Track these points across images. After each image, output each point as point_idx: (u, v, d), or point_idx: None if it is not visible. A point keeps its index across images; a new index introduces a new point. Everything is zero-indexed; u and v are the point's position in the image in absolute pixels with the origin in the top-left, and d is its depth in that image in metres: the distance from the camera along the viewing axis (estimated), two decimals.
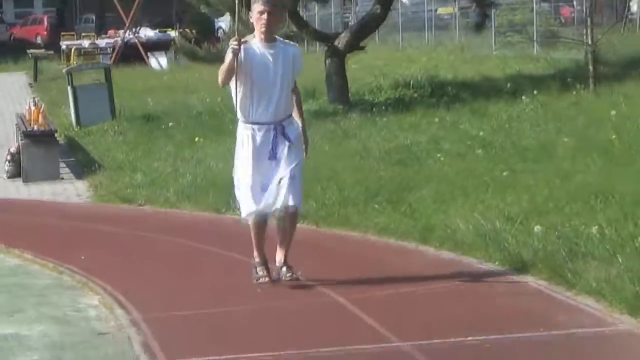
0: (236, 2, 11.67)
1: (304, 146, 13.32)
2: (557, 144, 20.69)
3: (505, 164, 19.22)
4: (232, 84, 12.73)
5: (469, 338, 11.08)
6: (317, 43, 39.01)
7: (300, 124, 13.22)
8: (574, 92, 27.65)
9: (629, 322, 11.34)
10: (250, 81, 12.38)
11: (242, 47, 12.32)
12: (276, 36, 13.09)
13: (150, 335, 11.58)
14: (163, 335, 11.55)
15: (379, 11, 33.00)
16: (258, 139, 12.65)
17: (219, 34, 50.98)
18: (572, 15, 44.59)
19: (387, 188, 18.65)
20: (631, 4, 46.55)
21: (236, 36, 12.19)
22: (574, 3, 43.23)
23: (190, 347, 11.15)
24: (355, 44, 32.06)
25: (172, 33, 55.37)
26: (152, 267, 15.56)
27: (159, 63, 51.15)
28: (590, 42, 29.48)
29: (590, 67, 28.29)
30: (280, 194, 12.61)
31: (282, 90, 12.62)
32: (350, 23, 45.19)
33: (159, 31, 57.42)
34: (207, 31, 47.90)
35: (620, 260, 13.04)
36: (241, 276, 14.62)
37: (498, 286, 13.50)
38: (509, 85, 30.12)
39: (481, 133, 22.78)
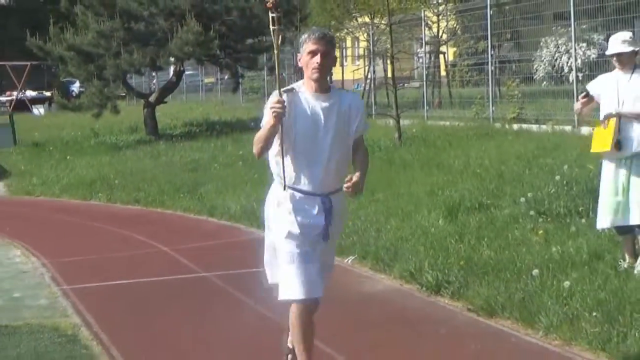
0: (275, 52, 6.53)
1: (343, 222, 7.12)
2: None
3: (256, 170, 19.32)
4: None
5: (238, 271, 11.32)
6: (135, 99, 38.33)
7: (361, 173, 6.52)
8: None
9: (338, 259, 11.58)
10: (292, 140, 6.39)
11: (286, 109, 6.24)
12: (331, 85, 6.85)
13: (55, 271, 11.67)
14: (63, 271, 11.61)
15: (174, 80, 32.97)
16: (298, 208, 6.46)
17: (72, 94, 49.86)
18: (285, 82, 44.48)
19: (187, 184, 18.71)
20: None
21: (279, 96, 6.31)
22: (284, 73, 43.15)
23: (79, 277, 11.26)
24: (161, 100, 31.95)
25: (46, 93, 54.69)
26: (50, 232, 15.51)
27: (39, 112, 50.76)
28: None
29: None
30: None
31: (333, 154, 6.48)
32: (153, 87, 44.41)
33: (38, 92, 56.65)
34: (66, 92, 47.00)
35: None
36: (105, 235, 14.77)
37: (254, 240, 13.31)
38: (252, 123, 30.22)
39: (240, 152, 22.87)
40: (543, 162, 14.95)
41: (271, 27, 6.25)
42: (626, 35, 9.72)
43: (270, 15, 6.25)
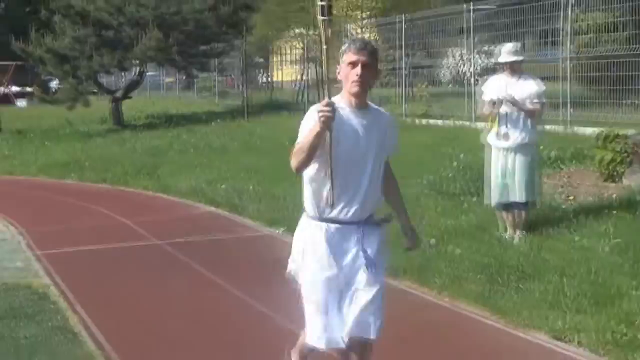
0: (324, 46, 4.77)
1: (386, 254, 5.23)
2: (230, 146, 20.88)
3: (205, 156, 19.34)
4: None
5: (184, 239, 11.34)
6: (104, 94, 37.70)
7: (403, 214, 5.25)
8: (238, 120, 27.81)
9: (270, 230, 11.70)
10: (333, 161, 4.75)
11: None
12: (368, 101, 5.04)
13: (30, 239, 11.47)
14: (37, 239, 11.39)
15: (138, 79, 32.85)
16: (334, 243, 4.92)
17: (52, 89, 49.03)
18: (233, 82, 44.16)
19: (146, 167, 18.56)
20: (263, 76, 46.40)
21: (328, 99, 4.60)
22: (232, 75, 42.88)
23: (51, 244, 11.08)
24: (126, 95, 31.74)
25: (28, 88, 53.84)
26: (28, 206, 15.16)
27: (22, 104, 50.01)
28: (245, 95, 29.73)
29: (245, 107, 28.47)
30: (359, 320, 4.89)
31: (373, 176, 4.96)
32: (120, 84, 43.82)
33: (22, 87, 55.88)
34: (45, 88, 46.34)
35: (261, 200, 13.31)
36: (76, 209, 14.58)
37: (201, 214, 13.55)
38: (204, 117, 30.15)
39: (192, 140, 22.78)
40: (444, 150, 15.10)
41: (319, 18, 4.65)
42: (517, 45, 9.92)
43: (319, 3, 4.67)
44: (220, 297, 8.38)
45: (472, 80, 21.99)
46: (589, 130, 15.79)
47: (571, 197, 11.37)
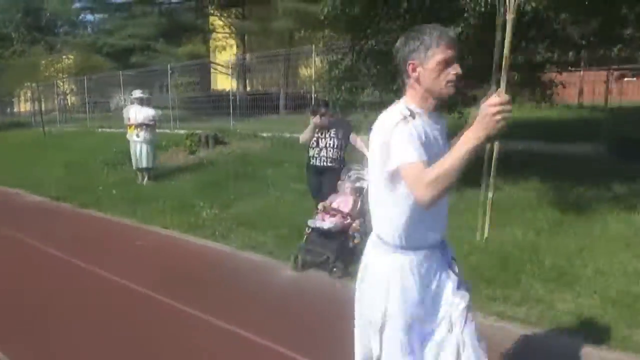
0: (510, 15, 2.13)
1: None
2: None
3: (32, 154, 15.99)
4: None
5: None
6: None
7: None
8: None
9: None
10: None
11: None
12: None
13: None
14: None
15: None
16: (422, 272, 1.65)
17: None
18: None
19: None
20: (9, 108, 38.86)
21: (504, 94, 1.21)
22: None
23: None
24: None
25: None
26: None
27: None
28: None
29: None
30: (473, 344, 1.57)
31: None
32: None
33: None
34: None
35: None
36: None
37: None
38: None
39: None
40: (111, 143, 13.60)
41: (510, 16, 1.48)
42: (141, 91, 9.69)
43: None
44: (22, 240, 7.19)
45: (125, 108, 20.74)
46: (182, 132, 15.76)
47: (165, 162, 11.17)
